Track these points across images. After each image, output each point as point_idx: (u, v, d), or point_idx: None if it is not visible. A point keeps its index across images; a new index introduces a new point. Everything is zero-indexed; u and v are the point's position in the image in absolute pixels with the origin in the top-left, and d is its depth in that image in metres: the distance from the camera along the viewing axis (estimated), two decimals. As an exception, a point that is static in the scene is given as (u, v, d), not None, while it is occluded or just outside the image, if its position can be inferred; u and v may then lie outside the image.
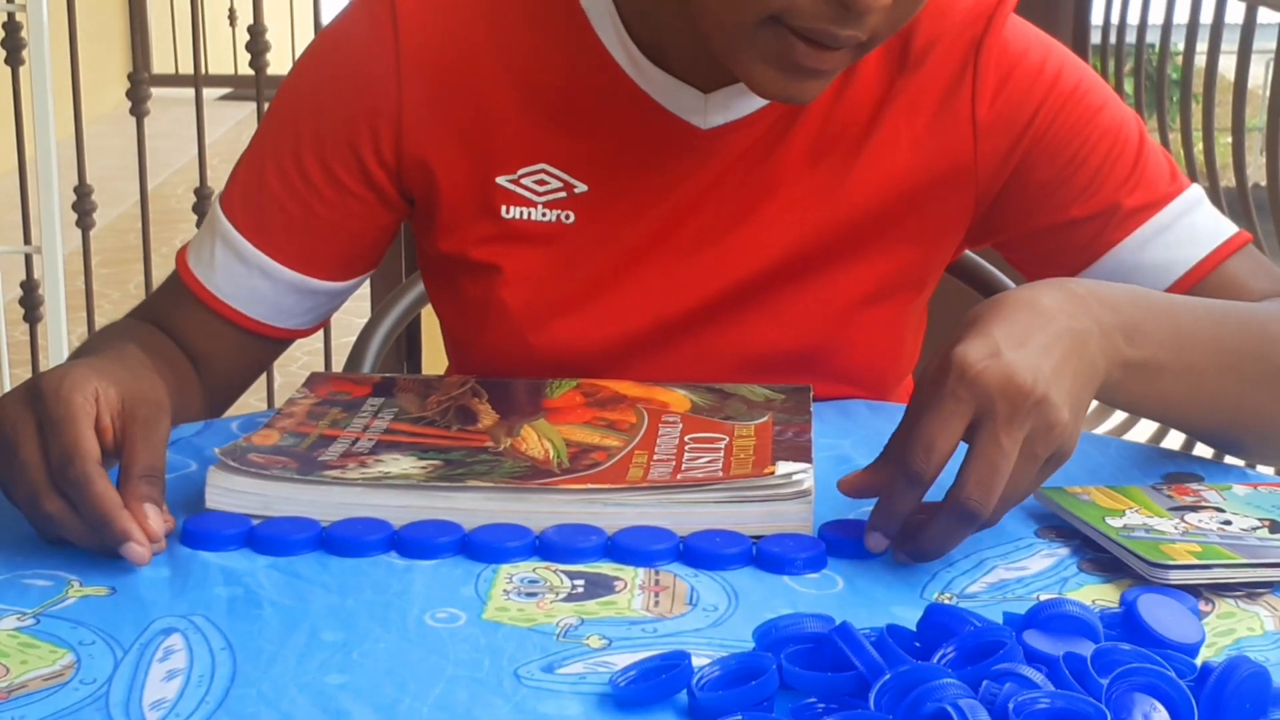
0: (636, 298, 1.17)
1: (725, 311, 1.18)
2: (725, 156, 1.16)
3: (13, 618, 0.83)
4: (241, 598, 0.85)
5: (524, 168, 1.16)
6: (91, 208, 3.25)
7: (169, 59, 6.95)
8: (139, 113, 3.23)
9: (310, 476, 0.95)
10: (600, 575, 0.89)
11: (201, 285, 1.20)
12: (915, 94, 1.15)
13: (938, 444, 0.88)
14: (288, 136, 1.18)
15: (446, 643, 0.81)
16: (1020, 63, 1.16)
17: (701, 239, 1.17)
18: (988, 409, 0.88)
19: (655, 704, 0.75)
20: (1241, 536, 0.92)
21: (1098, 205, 1.15)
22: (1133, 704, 0.70)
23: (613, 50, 1.15)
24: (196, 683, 0.76)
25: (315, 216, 1.18)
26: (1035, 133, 1.15)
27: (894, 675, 0.72)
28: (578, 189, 1.16)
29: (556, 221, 1.17)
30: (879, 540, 0.92)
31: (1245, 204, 2.53)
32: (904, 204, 1.17)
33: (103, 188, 3.45)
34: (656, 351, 1.18)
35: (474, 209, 1.17)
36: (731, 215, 1.16)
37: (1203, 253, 1.15)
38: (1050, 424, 0.89)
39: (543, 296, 1.17)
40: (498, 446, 1.01)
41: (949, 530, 0.89)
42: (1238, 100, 2.59)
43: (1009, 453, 0.88)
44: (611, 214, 1.16)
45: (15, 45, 3.07)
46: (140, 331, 1.18)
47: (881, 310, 1.20)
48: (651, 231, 1.17)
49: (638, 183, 1.16)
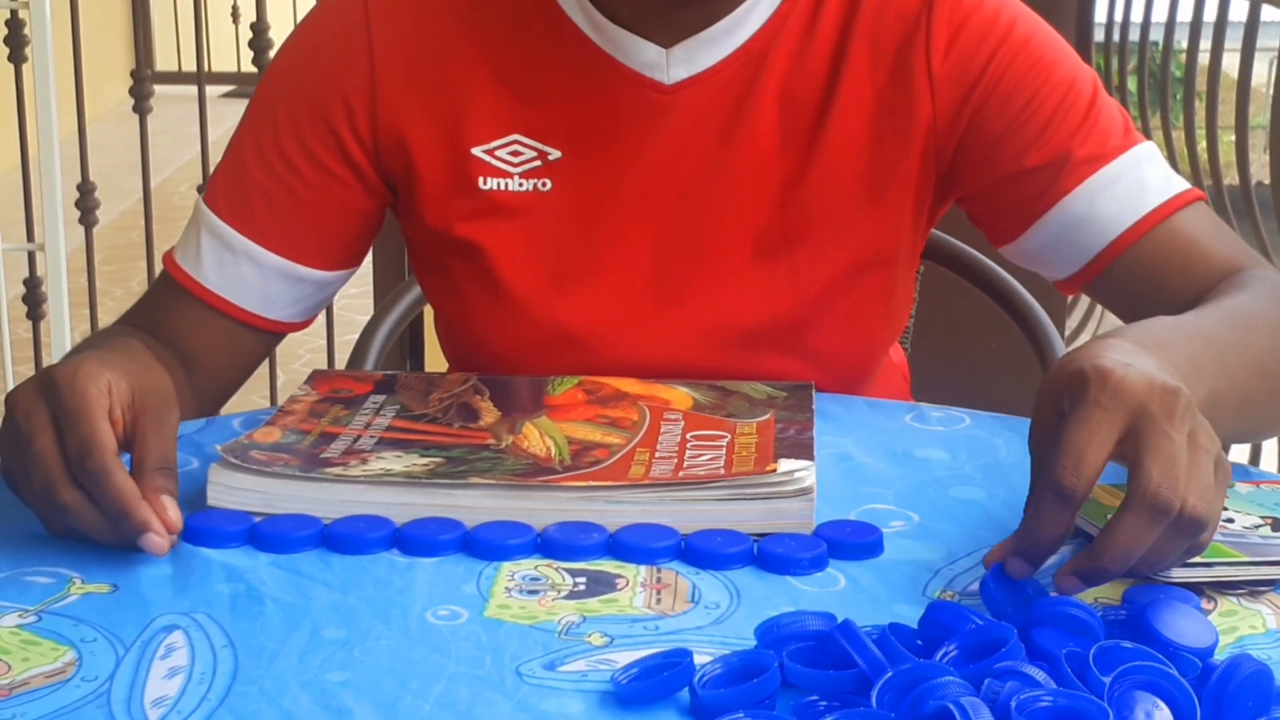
0: (621, 262, 1.18)
1: (708, 273, 1.18)
2: (692, 111, 1.16)
3: (14, 615, 0.83)
4: (243, 595, 0.85)
5: (497, 139, 1.17)
6: (94, 205, 3.25)
7: (172, 56, 6.95)
8: (142, 110, 3.23)
9: (312, 474, 0.95)
10: (602, 573, 0.89)
11: (190, 278, 1.20)
12: (873, 47, 1.16)
13: (1089, 455, 0.81)
14: (266, 123, 1.19)
15: (448, 640, 0.81)
16: (973, 14, 1.17)
17: (681, 197, 1.17)
18: (1143, 411, 0.82)
19: (657, 702, 0.75)
20: (1244, 534, 0.91)
21: (1049, 154, 1.15)
22: (1135, 702, 0.70)
23: (570, 13, 1.16)
24: (198, 680, 0.76)
25: (298, 200, 1.19)
26: (988, 82, 1.16)
27: (896, 673, 0.72)
28: (551, 156, 1.17)
29: (534, 191, 1.17)
30: (1021, 565, 0.84)
31: (1249, 202, 2.53)
32: (870, 159, 1.17)
33: (105, 185, 3.45)
34: (645, 318, 1.18)
35: (452, 183, 1.18)
36: (706, 173, 1.17)
37: (1151, 205, 1.15)
38: (1204, 422, 0.85)
39: (528, 268, 1.18)
40: (499, 444, 1.01)
41: (1137, 529, 0.81)
42: (1241, 98, 2.58)
43: (1181, 443, 0.82)
44: (587, 178, 1.17)
45: (18, 42, 3.07)
46: (135, 333, 1.18)
47: (857, 281, 1.19)
48: (630, 193, 1.17)
49: (609, 144, 1.17)
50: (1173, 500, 0.80)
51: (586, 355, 1.18)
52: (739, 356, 1.19)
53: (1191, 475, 0.81)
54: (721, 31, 1.15)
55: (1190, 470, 0.81)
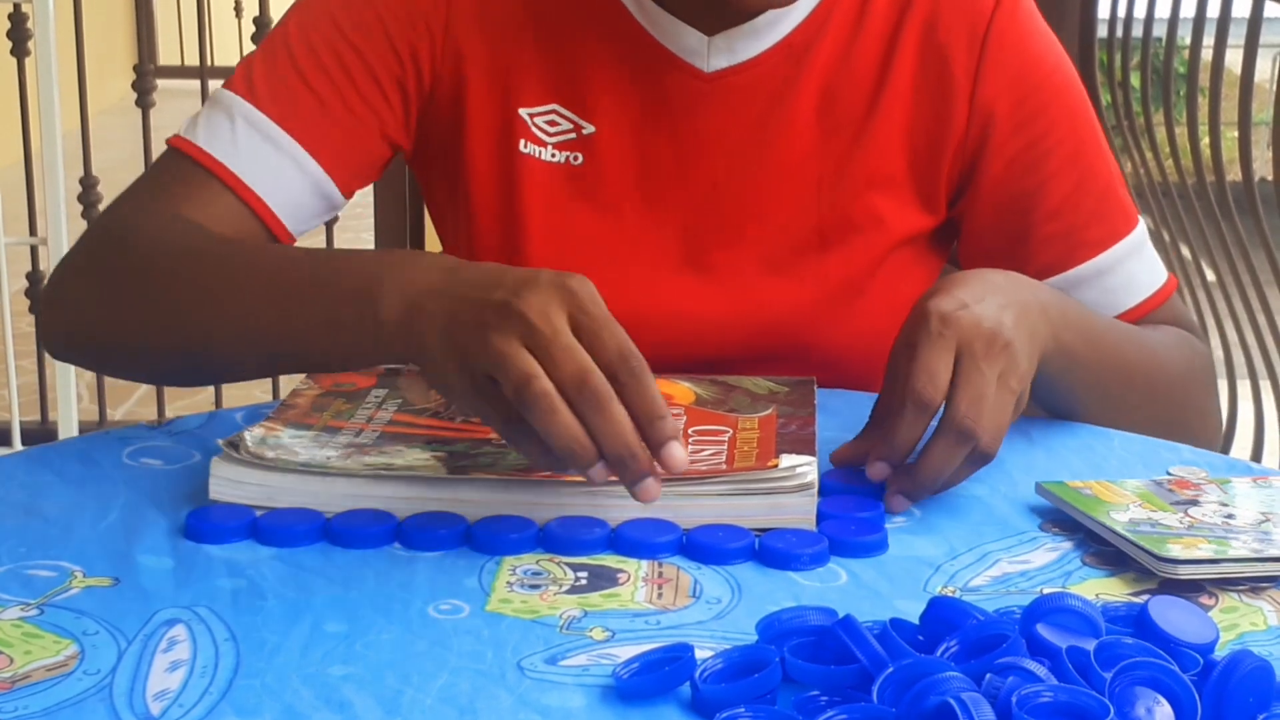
0: (647, 244, 1.19)
1: (735, 263, 1.19)
2: (729, 101, 1.17)
3: (16, 608, 0.83)
4: (245, 589, 0.85)
5: (539, 105, 1.17)
6: (97, 199, 3.25)
7: (175, 51, 6.96)
8: (145, 104, 3.24)
9: (314, 468, 0.95)
10: (603, 567, 0.89)
11: (223, 165, 1.12)
12: (921, 56, 1.18)
13: (939, 370, 0.95)
14: (324, 25, 1.15)
15: (450, 634, 0.81)
16: (1033, 68, 1.19)
17: (714, 186, 1.18)
18: (966, 345, 0.95)
19: (658, 696, 0.75)
20: (1246, 530, 0.91)
21: (1060, 229, 1.19)
22: (1136, 698, 0.70)
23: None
24: (200, 673, 0.76)
25: (349, 109, 1.15)
26: (1025, 142, 1.18)
27: (897, 668, 0.72)
28: (586, 130, 1.17)
29: (565, 163, 1.18)
30: (882, 468, 0.96)
31: (1251, 198, 2.52)
32: (906, 164, 1.19)
33: (108, 179, 3.45)
34: (668, 302, 1.19)
35: (496, 139, 1.18)
36: (740, 164, 1.18)
37: (1131, 303, 1.21)
38: (1016, 364, 0.97)
39: (552, 240, 1.18)
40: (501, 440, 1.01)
41: (947, 453, 0.95)
42: (1244, 94, 2.58)
43: (990, 379, 0.95)
44: (619, 156, 1.18)
45: (21, 36, 3.07)
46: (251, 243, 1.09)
47: (882, 282, 1.21)
48: (661, 176, 1.18)
49: (644, 126, 1.18)
50: (975, 428, 0.94)
51: None
52: (759, 347, 1.19)
53: (993, 411, 0.95)
54: (764, 24, 1.16)
55: (994, 407, 0.95)
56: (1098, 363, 1.11)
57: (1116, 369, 1.13)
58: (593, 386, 0.85)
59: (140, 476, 1.00)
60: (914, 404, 0.94)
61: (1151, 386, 1.17)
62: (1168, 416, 1.17)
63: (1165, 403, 1.17)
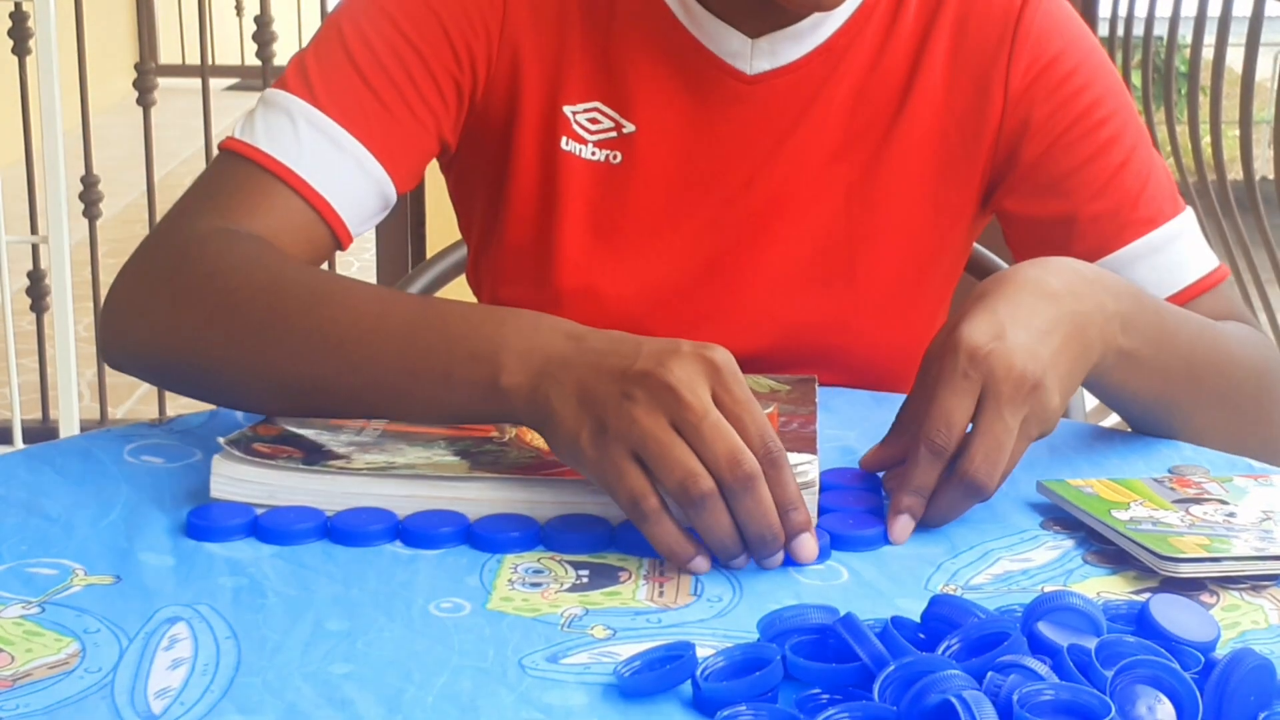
0: (678, 243, 1.19)
1: (763, 265, 1.19)
2: (769, 104, 1.18)
3: (18, 606, 0.83)
4: (246, 587, 0.85)
5: (582, 103, 1.17)
6: (98, 198, 3.26)
7: (176, 49, 6.96)
8: (146, 103, 3.24)
9: (315, 466, 0.95)
10: (605, 565, 0.89)
11: (291, 171, 1.08)
12: (953, 52, 1.18)
13: (955, 418, 0.92)
14: (381, 22, 1.13)
15: (451, 632, 0.81)
16: (1059, 57, 1.18)
17: (747, 187, 1.18)
18: (993, 389, 0.92)
19: (660, 694, 0.75)
20: (1247, 529, 0.91)
21: (1106, 208, 1.17)
22: (1137, 696, 0.70)
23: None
24: (201, 671, 0.76)
25: (409, 112, 1.13)
26: (1061, 126, 1.18)
27: (898, 667, 0.72)
28: (626, 129, 1.17)
29: (605, 162, 1.18)
30: (906, 524, 0.93)
31: (1253, 197, 2.53)
32: (938, 165, 1.19)
33: (109, 178, 3.46)
34: (695, 301, 1.19)
35: (540, 136, 1.17)
36: (774, 165, 1.18)
37: (1185, 282, 1.18)
38: (1044, 408, 0.94)
39: (586, 237, 1.18)
40: (503, 437, 1.01)
41: (955, 503, 0.93)
42: (1245, 93, 2.58)
43: (1012, 430, 0.92)
44: (658, 156, 1.18)
45: (22, 35, 3.07)
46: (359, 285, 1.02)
47: (909, 286, 1.21)
48: (697, 176, 1.18)
49: (684, 127, 1.18)
50: (988, 485, 0.92)
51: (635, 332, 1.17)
52: (788, 350, 1.20)
53: (1006, 463, 0.92)
54: (807, 27, 1.17)
55: (1008, 458, 0.92)
56: (1164, 366, 1.06)
57: (1186, 370, 1.09)
58: (746, 470, 0.85)
59: (141, 475, 1.00)
60: (928, 450, 0.92)
61: (1225, 387, 1.12)
62: (1240, 419, 1.14)
63: (1238, 403, 1.14)
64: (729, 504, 0.85)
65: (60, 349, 2.82)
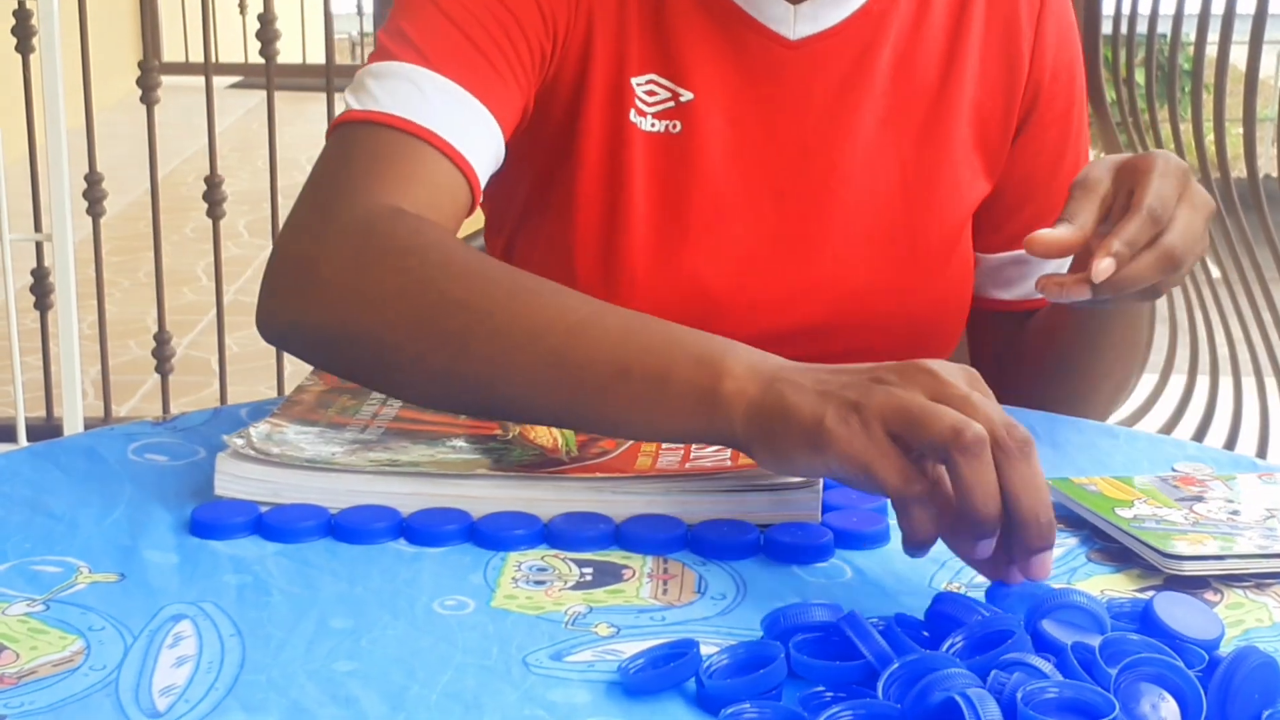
0: (744, 212, 1.19)
1: (827, 228, 1.21)
2: (813, 68, 1.19)
3: (22, 604, 0.83)
4: (250, 585, 0.85)
5: (641, 75, 1.18)
6: (102, 196, 3.26)
7: (179, 47, 6.96)
8: (149, 101, 3.24)
9: (319, 464, 0.95)
10: (609, 563, 0.89)
11: (434, 133, 1.04)
12: (989, 11, 1.22)
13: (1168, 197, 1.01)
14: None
15: (455, 630, 0.81)
16: (1066, 43, 1.25)
17: (803, 153, 1.20)
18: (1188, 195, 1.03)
19: (663, 692, 0.75)
20: (1251, 526, 0.91)
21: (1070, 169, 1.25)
22: (1141, 694, 0.70)
23: None
24: (206, 669, 0.76)
25: (512, 73, 1.11)
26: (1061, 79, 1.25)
27: (902, 664, 0.72)
28: (684, 97, 1.18)
29: (665, 132, 1.18)
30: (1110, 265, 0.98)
31: (1257, 195, 2.52)
32: (980, 124, 1.24)
33: (113, 176, 3.46)
34: (766, 270, 1.20)
35: (609, 108, 1.17)
36: (826, 130, 1.20)
37: None
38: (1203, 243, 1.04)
39: (655, 210, 1.18)
40: (506, 434, 1.01)
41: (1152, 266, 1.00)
42: (1249, 91, 2.58)
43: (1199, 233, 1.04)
44: (715, 124, 1.18)
45: (26, 33, 3.07)
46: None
47: (959, 246, 1.25)
48: (754, 144, 1.19)
49: (736, 94, 1.19)
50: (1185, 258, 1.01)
51: (707, 305, 1.18)
52: (846, 313, 1.21)
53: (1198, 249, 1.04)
54: None
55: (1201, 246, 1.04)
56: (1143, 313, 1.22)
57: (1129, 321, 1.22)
58: (1024, 433, 0.79)
59: (145, 472, 1.00)
60: (1150, 214, 0.99)
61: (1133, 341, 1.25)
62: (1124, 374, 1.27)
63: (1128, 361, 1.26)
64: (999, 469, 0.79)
65: (64, 347, 2.82)
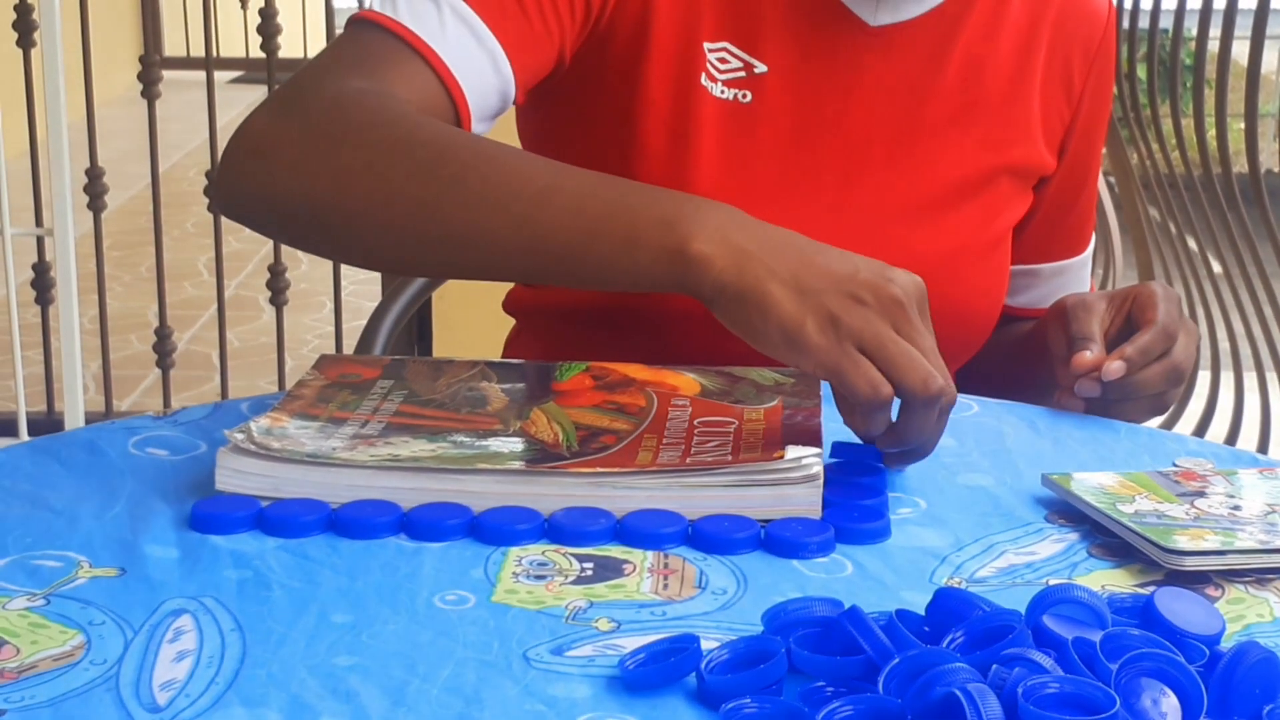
0: (808, 189, 1.20)
1: (887, 214, 1.22)
2: (888, 57, 1.20)
3: (22, 598, 0.83)
4: (251, 579, 0.85)
5: (714, 41, 1.18)
6: (103, 190, 3.26)
7: (180, 42, 6.95)
8: (150, 95, 3.23)
9: (320, 458, 0.95)
10: (609, 558, 0.89)
11: (432, 50, 1.07)
12: (1054, 37, 1.26)
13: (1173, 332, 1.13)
14: None
15: (455, 625, 0.81)
16: (1105, 97, 1.31)
17: (869, 142, 1.21)
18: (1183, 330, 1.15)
19: (664, 687, 0.75)
20: (1252, 522, 0.91)
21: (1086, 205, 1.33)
22: (1142, 689, 0.70)
23: None
24: (206, 664, 0.76)
25: (543, 20, 1.11)
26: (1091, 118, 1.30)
27: (903, 659, 0.72)
28: (757, 69, 1.18)
29: (734, 100, 1.19)
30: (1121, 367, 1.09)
31: (1258, 190, 2.52)
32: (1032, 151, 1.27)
33: (114, 170, 3.46)
34: None
35: (676, 70, 1.17)
36: (895, 120, 1.21)
37: None
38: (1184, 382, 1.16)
39: (720, 178, 1.18)
40: (507, 429, 1.01)
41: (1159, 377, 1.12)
42: (1250, 86, 2.57)
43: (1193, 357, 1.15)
44: (786, 99, 1.19)
45: (27, 28, 3.07)
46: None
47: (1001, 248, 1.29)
48: (823, 123, 1.20)
49: (811, 71, 1.19)
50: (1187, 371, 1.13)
51: None
52: None
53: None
54: None
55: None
56: None
57: None
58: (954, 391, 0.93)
59: (146, 467, 1.00)
60: (1164, 330, 1.11)
61: None
62: None
63: None
64: None
65: (65, 341, 2.82)
